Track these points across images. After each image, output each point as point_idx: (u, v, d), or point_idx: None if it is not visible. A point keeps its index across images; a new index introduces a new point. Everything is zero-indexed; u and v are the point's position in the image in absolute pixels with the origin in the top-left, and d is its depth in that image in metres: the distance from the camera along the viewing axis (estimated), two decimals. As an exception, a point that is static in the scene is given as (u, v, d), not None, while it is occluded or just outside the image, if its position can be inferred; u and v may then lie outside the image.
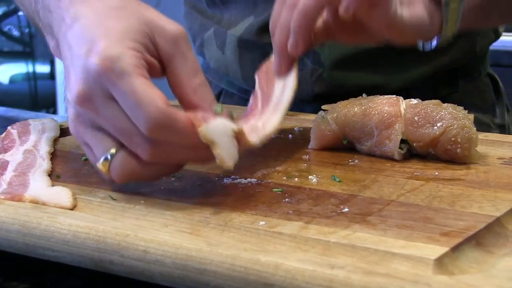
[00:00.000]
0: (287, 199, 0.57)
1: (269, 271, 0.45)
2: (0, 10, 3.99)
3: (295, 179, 0.63)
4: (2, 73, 4.03)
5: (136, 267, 0.49)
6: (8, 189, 0.59)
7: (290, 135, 0.79)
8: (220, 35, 0.99)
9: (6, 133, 0.74)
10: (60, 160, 0.69)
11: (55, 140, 0.74)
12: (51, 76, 3.76)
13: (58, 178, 0.64)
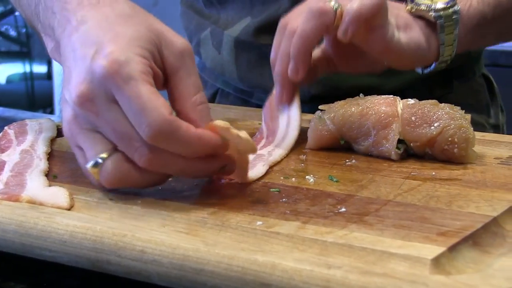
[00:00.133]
0: (284, 199, 0.57)
1: (266, 271, 0.45)
2: (-3, 11, 3.98)
3: (292, 179, 0.63)
4: (-1, 73, 4.03)
5: (133, 267, 0.49)
6: (5, 189, 0.59)
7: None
8: (217, 35, 0.99)
9: (3, 133, 0.74)
10: (57, 160, 0.69)
11: (52, 140, 0.74)
12: (48, 76, 3.76)
13: (55, 178, 0.64)
